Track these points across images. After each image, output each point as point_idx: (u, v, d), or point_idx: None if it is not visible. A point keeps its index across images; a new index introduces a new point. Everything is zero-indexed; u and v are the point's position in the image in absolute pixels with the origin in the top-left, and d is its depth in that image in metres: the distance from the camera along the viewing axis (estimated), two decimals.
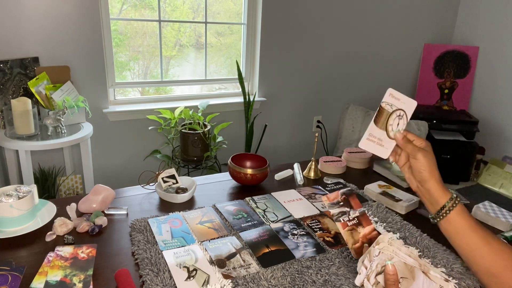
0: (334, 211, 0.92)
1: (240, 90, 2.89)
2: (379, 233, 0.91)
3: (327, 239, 1.06)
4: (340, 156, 1.62)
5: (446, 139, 3.22)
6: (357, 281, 0.76)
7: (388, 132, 0.85)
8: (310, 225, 1.13)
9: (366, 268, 0.75)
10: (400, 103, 0.86)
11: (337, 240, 1.06)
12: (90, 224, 1.06)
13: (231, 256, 0.96)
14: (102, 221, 1.08)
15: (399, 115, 0.85)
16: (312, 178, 1.47)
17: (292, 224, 1.13)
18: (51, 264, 0.89)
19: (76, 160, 2.43)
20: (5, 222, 0.99)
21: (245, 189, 1.35)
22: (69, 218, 1.11)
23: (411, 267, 0.73)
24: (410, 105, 0.86)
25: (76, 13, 2.20)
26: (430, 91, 3.56)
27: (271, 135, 3.11)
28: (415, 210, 1.26)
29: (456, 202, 0.77)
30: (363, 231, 0.88)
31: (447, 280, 0.73)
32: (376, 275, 0.73)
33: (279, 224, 1.12)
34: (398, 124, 0.85)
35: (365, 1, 3.12)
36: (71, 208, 1.11)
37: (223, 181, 1.41)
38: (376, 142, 0.85)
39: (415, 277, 0.71)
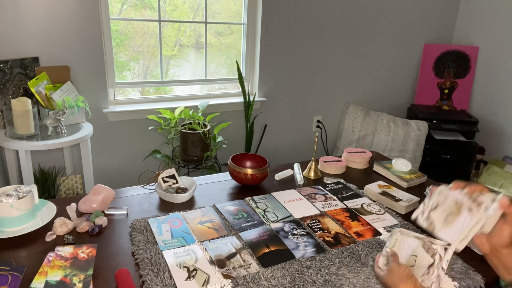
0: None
1: (240, 90, 2.89)
2: None
3: (327, 239, 1.06)
4: (340, 156, 1.63)
5: (446, 139, 3.22)
6: (413, 215, 0.84)
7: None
8: (310, 225, 1.13)
9: (424, 205, 0.84)
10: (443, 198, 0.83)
11: (337, 240, 1.06)
12: (90, 224, 1.06)
13: (231, 256, 0.96)
14: (102, 221, 1.08)
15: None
16: (312, 178, 1.47)
17: (292, 224, 1.13)
18: (51, 264, 0.89)
19: (76, 160, 2.43)
20: (5, 222, 0.99)
21: (245, 189, 1.35)
22: (69, 218, 1.11)
23: (460, 205, 0.79)
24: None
25: (76, 13, 2.20)
26: (430, 91, 3.56)
27: (271, 135, 3.11)
28: (415, 210, 1.26)
29: None
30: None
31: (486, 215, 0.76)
32: (430, 211, 0.82)
33: (279, 224, 1.12)
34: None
35: (365, 1, 3.12)
36: (71, 208, 1.11)
37: (223, 181, 1.41)
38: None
39: (461, 213, 0.78)
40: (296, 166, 1.52)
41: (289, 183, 1.41)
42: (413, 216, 0.84)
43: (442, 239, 0.79)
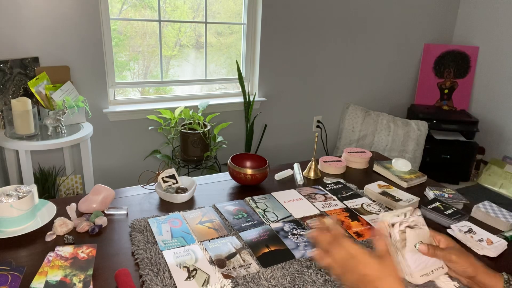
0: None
1: (240, 90, 2.89)
2: None
3: None
4: (340, 156, 1.62)
5: (446, 139, 3.22)
6: (390, 220, 0.80)
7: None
8: (310, 225, 1.13)
9: (404, 216, 0.81)
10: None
11: None
12: (90, 224, 1.06)
13: (231, 256, 0.96)
14: (102, 221, 1.08)
15: (403, 230, 0.78)
16: (312, 178, 1.47)
17: (292, 224, 1.13)
18: (51, 264, 0.89)
19: (76, 160, 2.43)
20: (5, 222, 0.99)
21: (245, 189, 1.35)
22: (69, 218, 1.11)
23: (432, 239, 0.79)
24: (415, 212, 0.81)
25: (76, 13, 2.20)
26: (430, 91, 3.56)
27: (271, 135, 3.11)
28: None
29: (511, 282, 0.77)
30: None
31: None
32: (408, 226, 0.79)
33: (279, 224, 1.12)
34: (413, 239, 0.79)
35: (365, 1, 3.12)
36: (71, 208, 1.11)
37: (223, 181, 1.41)
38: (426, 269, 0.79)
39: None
40: (296, 166, 1.52)
41: (289, 183, 1.41)
42: (390, 220, 0.79)
43: (406, 261, 0.77)
